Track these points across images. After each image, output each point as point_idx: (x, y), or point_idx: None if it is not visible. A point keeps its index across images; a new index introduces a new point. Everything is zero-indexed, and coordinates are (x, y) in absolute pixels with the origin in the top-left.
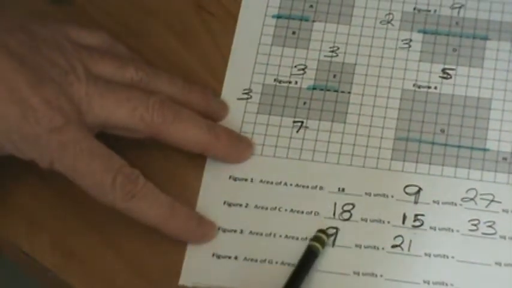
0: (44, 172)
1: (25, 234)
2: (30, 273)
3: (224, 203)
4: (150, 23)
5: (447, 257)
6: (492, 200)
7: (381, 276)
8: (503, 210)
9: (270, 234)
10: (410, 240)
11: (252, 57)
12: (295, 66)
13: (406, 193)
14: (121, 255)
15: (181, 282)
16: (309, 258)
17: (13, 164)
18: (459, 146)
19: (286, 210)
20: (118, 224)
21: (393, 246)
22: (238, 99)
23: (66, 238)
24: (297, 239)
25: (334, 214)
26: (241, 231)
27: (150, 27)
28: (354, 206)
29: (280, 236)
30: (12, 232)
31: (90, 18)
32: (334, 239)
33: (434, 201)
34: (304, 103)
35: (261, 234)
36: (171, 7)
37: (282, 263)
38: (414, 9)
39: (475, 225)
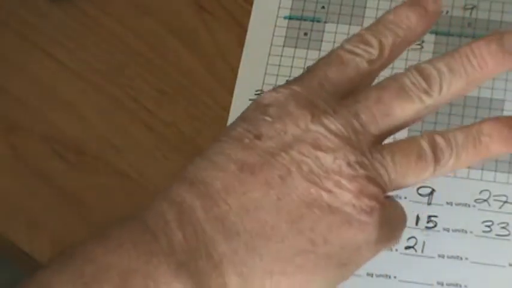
0: (44, 172)
1: (25, 234)
2: (30, 273)
3: None
4: (149, 23)
5: (461, 259)
6: (506, 202)
7: (395, 277)
8: None
9: None
10: (424, 242)
11: (264, 58)
12: (307, 68)
13: (419, 194)
14: None
15: None
16: None
17: (13, 163)
18: None
19: None
20: None
21: (406, 248)
22: (251, 100)
23: (66, 238)
24: None
25: None
26: None
27: (149, 27)
28: None
29: None
30: (12, 232)
31: (89, 18)
32: None
33: (447, 203)
34: None
35: None
36: (171, 7)
37: None
38: None
39: (488, 226)
